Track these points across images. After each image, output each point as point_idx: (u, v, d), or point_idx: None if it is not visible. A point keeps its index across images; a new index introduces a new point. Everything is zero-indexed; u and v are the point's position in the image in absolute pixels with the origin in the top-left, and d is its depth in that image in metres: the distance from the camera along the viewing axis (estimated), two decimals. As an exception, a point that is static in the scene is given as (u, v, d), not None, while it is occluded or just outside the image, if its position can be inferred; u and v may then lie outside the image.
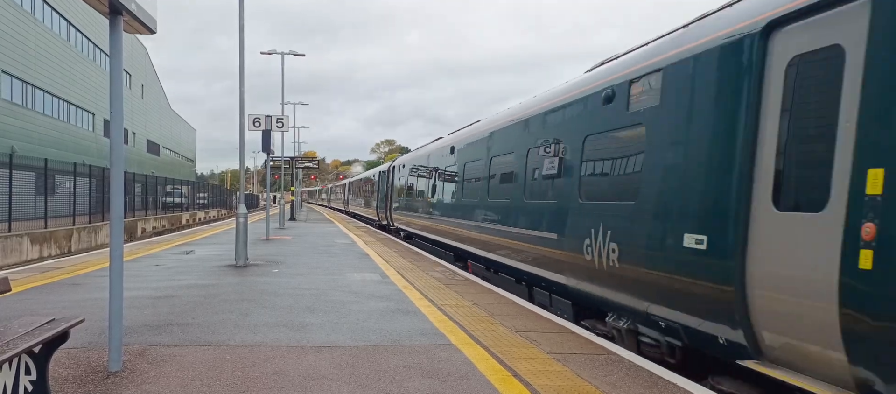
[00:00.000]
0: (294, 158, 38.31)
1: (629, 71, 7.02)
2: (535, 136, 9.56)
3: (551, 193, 8.69)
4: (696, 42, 5.91)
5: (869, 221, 4.03)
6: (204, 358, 5.91)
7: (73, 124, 43.49)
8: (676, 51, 6.23)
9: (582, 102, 8.07)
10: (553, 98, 9.26)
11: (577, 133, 8.05)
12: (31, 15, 36.85)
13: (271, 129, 17.88)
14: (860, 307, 4.07)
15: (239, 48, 14.72)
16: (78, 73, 43.96)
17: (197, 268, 13.16)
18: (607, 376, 5.47)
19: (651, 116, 6.41)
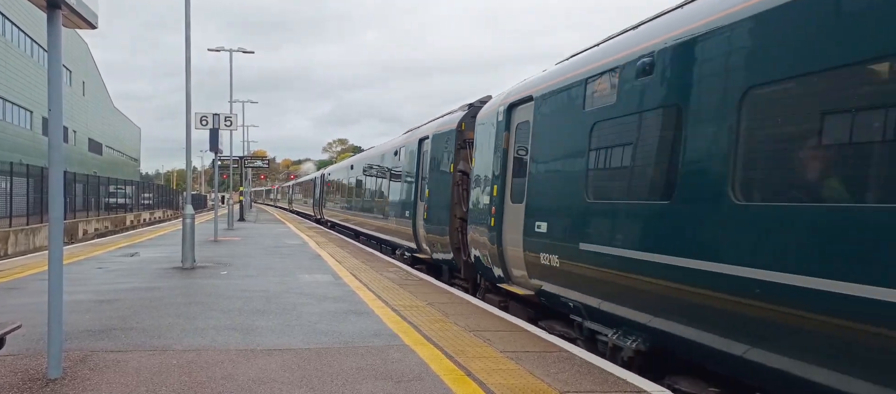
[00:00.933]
0: (243, 157, 37.58)
1: (421, 133, 14.54)
2: (376, 166, 19.42)
3: (387, 196, 17.65)
4: (487, 109, 10.64)
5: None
6: (149, 363, 5.73)
7: (9, 122, 41.72)
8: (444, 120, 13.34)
9: (395, 149, 17.11)
10: (387, 145, 19.04)
11: (400, 166, 16.14)
12: (-37, 7, 35.24)
13: (219, 127, 17.52)
14: (528, 250, 8.14)
15: (185, 44, 14.36)
16: (14, 69, 42.19)
17: (142, 270, 12.79)
18: (560, 374, 5.52)
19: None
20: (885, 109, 3.82)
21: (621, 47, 6.67)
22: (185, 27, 14.39)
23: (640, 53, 6.12)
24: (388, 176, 17.67)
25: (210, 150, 19.53)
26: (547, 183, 7.93)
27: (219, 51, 31.30)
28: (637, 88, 6.13)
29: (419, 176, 14.26)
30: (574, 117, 7.31)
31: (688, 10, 5.83)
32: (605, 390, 5.13)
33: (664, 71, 5.79)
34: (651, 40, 6.06)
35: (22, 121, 44.02)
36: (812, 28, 4.31)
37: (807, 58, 4.31)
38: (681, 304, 5.32)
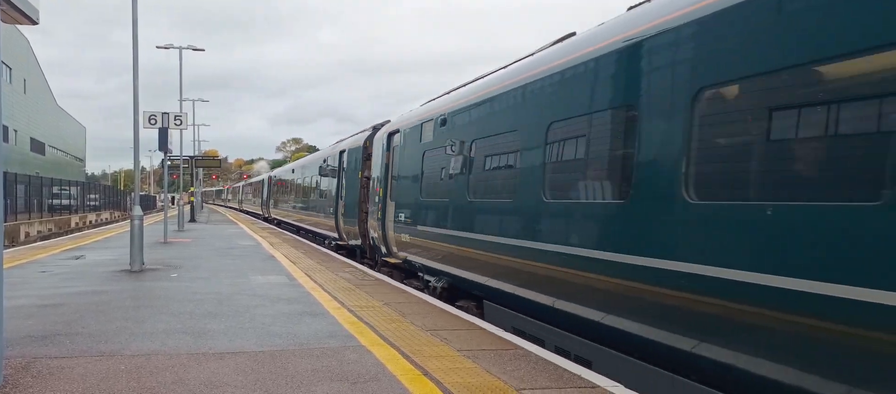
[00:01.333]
0: (194, 157, 36.78)
1: (341, 147, 18.90)
2: (309, 172, 24.23)
3: (317, 196, 22.25)
4: (379, 133, 14.41)
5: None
6: (96, 369, 5.55)
7: (-57, 121, 39.94)
8: (353, 139, 17.49)
9: (324, 158, 21.31)
10: (318, 154, 24.39)
11: (326, 172, 20.10)
12: None
13: (168, 126, 17.09)
14: (396, 232, 11.96)
15: (133, 41, 13.96)
16: (-51, 65, 40.44)
17: (88, 274, 12.40)
18: (516, 371, 5.56)
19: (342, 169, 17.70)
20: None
21: (438, 105, 10.92)
22: (133, 24, 14.00)
23: (441, 112, 10.37)
24: (318, 180, 22.22)
25: (159, 149, 19.02)
26: (403, 187, 12.03)
27: (168, 48, 30.56)
28: (440, 133, 10.21)
29: (339, 181, 18.58)
30: (415, 146, 11.32)
31: (464, 89, 10.18)
32: (560, 386, 5.19)
33: (451, 124, 9.86)
34: (445, 105, 10.44)
35: (-42, 119, 42.19)
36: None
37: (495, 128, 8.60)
38: (458, 258, 9.26)
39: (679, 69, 5.19)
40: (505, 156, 8.18)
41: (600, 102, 6.24)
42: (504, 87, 8.30)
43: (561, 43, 7.67)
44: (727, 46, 4.67)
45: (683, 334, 4.96)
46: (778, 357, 4.20)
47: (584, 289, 6.23)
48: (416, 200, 11.04)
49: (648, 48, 5.54)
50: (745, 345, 4.43)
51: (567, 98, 6.76)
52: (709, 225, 4.74)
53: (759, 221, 4.27)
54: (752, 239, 4.35)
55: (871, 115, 3.80)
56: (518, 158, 7.59)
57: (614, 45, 6.02)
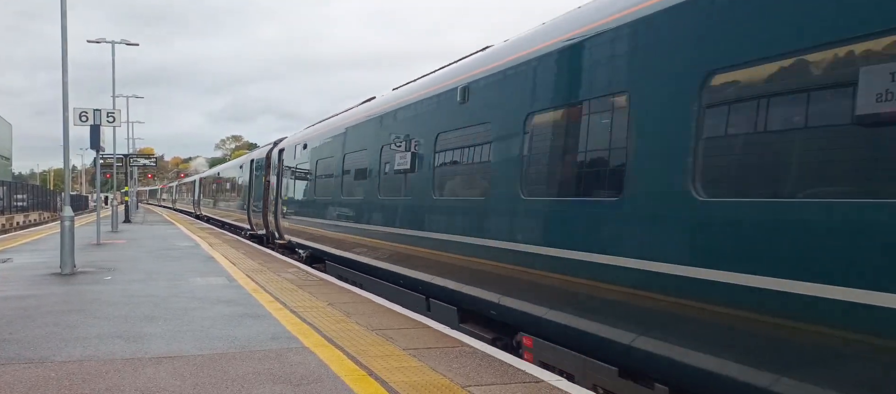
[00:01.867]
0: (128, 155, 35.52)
1: (252, 156, 24.83)
2: (229, 176, 30.38)
3: (235, 195, 27.77)
4: (274, 148, 18.92)
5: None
6: (24, 377, 5.29)
7: None
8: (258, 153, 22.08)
9: (240, 164, 27.74)
10: (237, 161, 31.71)
11: (242, 177, 25.59)
12: None
13: (101, 124, 16.44)
14: (283, 220, 17.61)
15: (61, 33, 13.38)
16: None
17: (15, 277, 11.82)
18: (462, 368, 5.57)
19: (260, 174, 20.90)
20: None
21: (303, 134, 16.14)
22: (62, 15, 13.40)
23: (304, 139, 15.37)
24: (234, 183, 28.06)
25: (91, 147, 18.29)
26: (286, 190, 17.00)
27: (100, 42, 29.43)
28: (303, 154, 15.19)
29: (249, 184, 23.29)
30: (291, 161, 16.54)
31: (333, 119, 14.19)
32: (505, 381, 5.22)
33: (309, 148, 14.67)
34: (307, 134, 15.57)
35: None
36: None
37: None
38: (315, 237, 13.76)
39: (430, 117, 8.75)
40: (332, 171, 12.71)
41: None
42: (334, 129, 13.07)
43: (361, 105, 12.43)
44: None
45: (399, 264, 9.37)
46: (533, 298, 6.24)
47: (366, 247, 10.59)
48: (291, 199, 16.44)
49: (443, 96, 8.17)
50: (466, 279, 7.39)
51: (360, 137, 11.14)
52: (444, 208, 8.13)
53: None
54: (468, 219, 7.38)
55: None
56: (338, 173, 12.27)
57: (370, 109, 11.31)
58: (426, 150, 8.36)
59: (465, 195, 7.62)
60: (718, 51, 4.18)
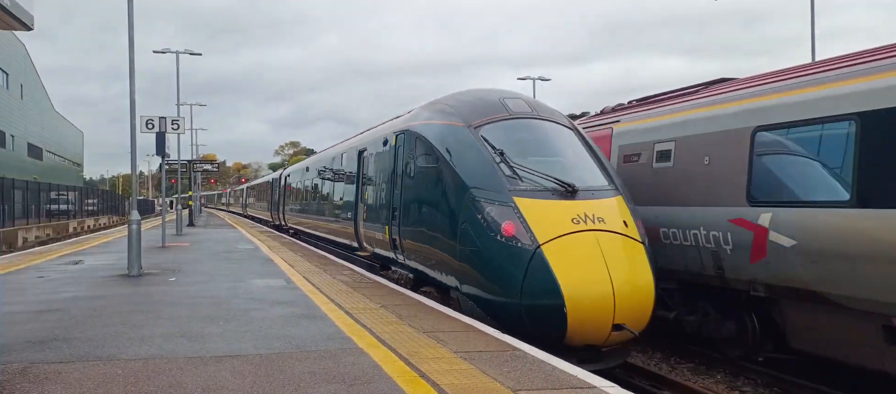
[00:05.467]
0: (191, 161, 36.78)
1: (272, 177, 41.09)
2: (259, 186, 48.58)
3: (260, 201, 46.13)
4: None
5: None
6: (93, 374, 5.56)
7: (-59, 127, 39.90)
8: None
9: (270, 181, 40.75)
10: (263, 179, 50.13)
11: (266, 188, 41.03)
12: None
13: (166, 131, 17.09)
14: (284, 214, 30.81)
15: (129, 45, 13.98)
16: (-54, 71, 40.36)
17: (86, 279, 12.40)
18: (511, 372, 5.58)
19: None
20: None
21: (299, 164, 29.34)
22: (129, 28, 14.01)
23: (289, 171, 31.29)
24: (264, 192, 41.52)
25: (157, 154, 19.05)
26: (287, 198, 29.79)
27: (165, 52, 30.59)
28: (290, 180, 28.74)
29: (271, 193, 37.68)
30: (288, 182, 28.96)
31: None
32: (555, 386, 5.20)
33: (292, 176, 28.76)
34: (300, 165, 28.59)
35: (-45, 125, 42.17)
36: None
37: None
38: (297, 220, 25.62)
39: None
40: (301, 189, 23.01)
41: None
42: (299, 167, 25.90)
43: (308, 158, 27.52)
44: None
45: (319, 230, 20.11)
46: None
47: (314, 224, 20.24)
48: (288, 202, 28.43)
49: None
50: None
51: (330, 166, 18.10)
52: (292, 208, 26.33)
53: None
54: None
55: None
56: (303, 191, 23.00)
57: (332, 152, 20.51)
58: (325, 179, 18.85)
59: (339, 201, 16.99)
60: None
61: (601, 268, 7.49)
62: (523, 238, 7.80)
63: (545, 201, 8.11)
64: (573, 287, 7.39)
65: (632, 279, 7.64)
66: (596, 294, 7.38)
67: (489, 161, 8.62)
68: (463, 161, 8.94)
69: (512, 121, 9.31)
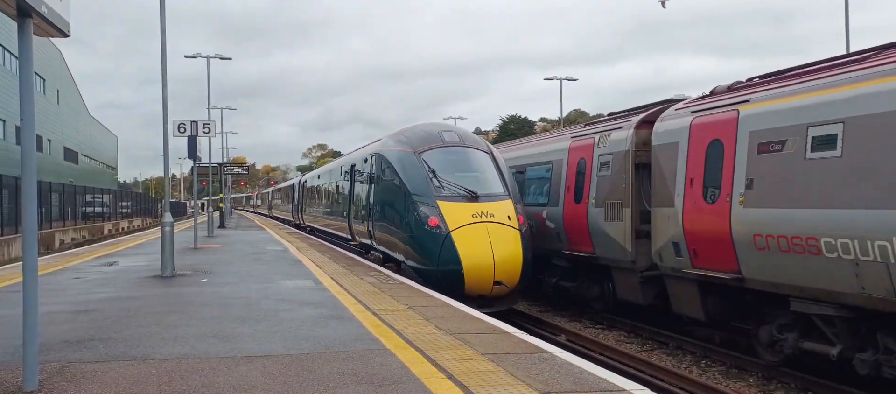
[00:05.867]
0: (222, 163, 37.33)
1: (292, 182, 47.81)
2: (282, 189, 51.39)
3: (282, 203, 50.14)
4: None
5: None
6: (127, 373, 5.68)
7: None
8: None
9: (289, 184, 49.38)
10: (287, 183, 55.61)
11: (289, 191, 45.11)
12: (-67, 16, 34.59)
13: (197, 134, 17.37)
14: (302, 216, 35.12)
15: (161, 51, 14.25)
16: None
17: (120, 280, 12.66)
18: (540, 375, 5.57)
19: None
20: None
21: (313, 173, 36.21)
22: (161, 33, 14.29)
23: (303, 179, 38.15)
24: (287, 196, 41.86)
25: (188, 157, 19.38)
26: (306, 200, 33.14)
27: (195, 57, 31.07)
28: (305, 185, 34.51)
29: (292, 197, 40.98)
30: (305, 187, 34.29)
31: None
32: (585, 389, 5.18)
33: (305, 182, 34.86)
34: (313, 173, 35.01)
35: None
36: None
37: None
38: (311, 219, 30.53)
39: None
40: (312, 193, 30.46)
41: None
42: (312, 176, 32.08)
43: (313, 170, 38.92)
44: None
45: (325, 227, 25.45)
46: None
47: (322, 222, 25.80)
48: (305, 204, 32.66)
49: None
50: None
51: (330, 182, 23.77)
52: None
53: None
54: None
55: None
56: (312, 195, 30.22)
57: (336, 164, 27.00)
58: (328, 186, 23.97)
59: (338, 203, 21.21)
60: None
61: (487, 246, 11.49)
62: (441, 227, 11.78)
63: (457, 203, 12.05)
64: (469, 258, 11.43)
65: (507, 253, 11.56)
66: (483, 263, 11.40)
67: (425, 177, 12.58)
68: (409, 176, 12.95)
69: (444, 148, 13.25)
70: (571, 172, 13.22)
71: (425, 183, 12.49)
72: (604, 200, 11.87)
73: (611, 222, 11.61)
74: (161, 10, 14.22)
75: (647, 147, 11.06)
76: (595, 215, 12.07)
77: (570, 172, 13.26)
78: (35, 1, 4.81)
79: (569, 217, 13.08)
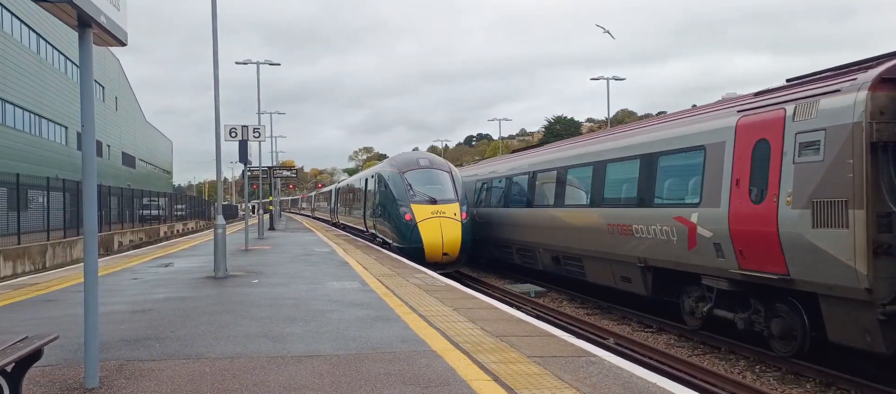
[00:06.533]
0: (271, 167, 38.07)
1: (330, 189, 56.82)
2: (353, 189, 36.62)
3: (357, 204, 33.04)
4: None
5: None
6: (182, 372, 5.85)
7: (45, 138, 42.80)
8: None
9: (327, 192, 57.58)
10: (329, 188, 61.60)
11: (358, 190, 32.98)
12: (0, 29, 36.27)
13: (248, 139, 17.76)
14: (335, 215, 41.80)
15: (213, 59, 14.62)
16: (49, 87, 43.30)
17: (175, 280, 13.03)
18: (587, 378, 5.50)
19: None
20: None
21: (344, 183, 43.79)
22: (213, 41, 14.66)
23: (333, 187, 51.58)
24: (327, 199, 50.56)
25: (239, 161, 19.83)
26: (337, 203, 41.13)
27: (246, 64, 31.75)
28: (336, 193, 43.77)
29: (329, 201, 46.95)
30: (338, 193, 41.91)
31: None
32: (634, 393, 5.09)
33: (334, 192, 46.11)
34: (343, 183, 44.92)
35: (57, 137, 45.15)
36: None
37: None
38: (344, 218, 37.04)
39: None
40: (341, 199, 38.65)
41: (358, 188, 30.05)
42: (351, 181, 37.53)
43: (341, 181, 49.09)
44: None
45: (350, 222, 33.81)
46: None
47: (353, 222, 32.33)
48: (337, 207, 40.10)
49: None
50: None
51: (352, 190, 33.41)
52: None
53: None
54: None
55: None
56: (343, 200, 37.51)
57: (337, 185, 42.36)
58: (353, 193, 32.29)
59: (358, 206, 28.61)
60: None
61: (439, 232, 17.99)
62: (412, 220, 18.34)
63: (423, 205, 18.58)
64: (427, 239, 17.97)
65: (451, 237, 18.04)
66: (436, 242, 17.94)
67: (404, 188, 19.29)
68: (396, 188, 19.72)
69: (419, 169, 20.02)
70: (742, 159, 9.59)
71: (405, 192, 19.24)
72: (810, 197, 8.30)
73: (823, 231, 8.17)
74: (213, 19, 14.59)
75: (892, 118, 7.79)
76: (792, 220, 8.53)
77: (740, 158, 9.62)
78: (94, 11, 5.00)
79: (740, 222, 9.43)
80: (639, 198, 11.96)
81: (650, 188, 11.70)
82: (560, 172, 15.69)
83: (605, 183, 13.33)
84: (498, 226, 20.48)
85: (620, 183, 12.93)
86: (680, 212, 10.72)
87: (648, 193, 11.71)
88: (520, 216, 18.31)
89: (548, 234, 16.12)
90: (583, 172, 14.48)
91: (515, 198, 18.99)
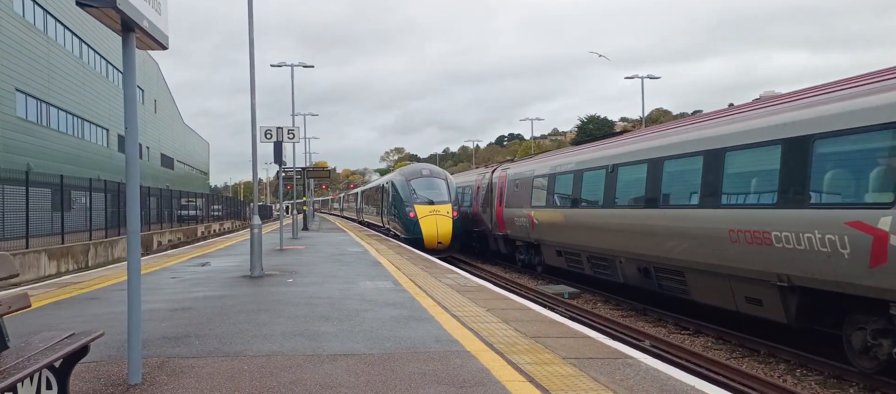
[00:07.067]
0: (305, 168, 38.51)
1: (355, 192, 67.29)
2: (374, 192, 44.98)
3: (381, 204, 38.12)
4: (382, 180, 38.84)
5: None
6: (221, 369, 5.95)
7: (87, 140, 43.95)
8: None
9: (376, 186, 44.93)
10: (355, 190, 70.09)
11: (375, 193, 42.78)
12: (44, 34, 37.34)
13: (282, 140, 17.99)
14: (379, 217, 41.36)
15: (250, 62, 14.84)
16: (91, 90, 44.46)
17: (213, 279, 13.25)
18: (624, 380, 5.45)
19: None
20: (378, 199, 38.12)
21: (371, 185, 53.76)
22: (249, 45, 14.89)
23: (356, 190, 66.55)
24: (354, 199, 62.25)
25: (274, 162, 20.11)
26: (363, 203, 50.04)
27: (280, 66, 32.16)
28: (373, 190, 44.63)
29: (356, 201, 56.81)
30: (363, 195, 52.29)
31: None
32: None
33: (359, 194, 56.98)
34: (357, 190, 64.58)
35: (99, 139, 46.33)
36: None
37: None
38: (368, 218, 45.96)
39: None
40: (365, 201, 48.88)
41: (376, 191, 39.61)
42: (372, 186, 48.14)
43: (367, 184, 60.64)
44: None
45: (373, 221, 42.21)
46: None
47: (373, 219, 40.50)
48: (364, 207, 48.79)
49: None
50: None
51: (372, 193, 43.54)
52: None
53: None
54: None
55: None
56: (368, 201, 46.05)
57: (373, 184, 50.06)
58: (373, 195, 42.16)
59: (376, 206, 37.75)
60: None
61: (434, 225, 24.78)
62: (415, 217, 25.30)
63: (423, 205, 25.39)
64: (426, 231, 24.76)
65: (444, 229, 24.80)
66: (432, 233, 24.74)
67: (410, 193, 26.28)
68: (403, 192, 26.88)
69: (422, 178, 27.06)
70: None
71: (410, 196, 26.08)
72: None
73: None
74: (249, 24, 14.82)
75: None
76: None
77: None
78: (137, 16, 5.12)
79: None
80: (781, 196, 9.18)
81: (802, 183, 8.88)
82: (653, 164, 12.77)
83: (723, 177, 10.55)
84: (560, 229, 17.27)
85: (749, 177, 10.16)
86: (856, 215, 7.89)
87: (799, 190, 8.91)
88: (595, 218, 15.13)
89: (635, 240, 13.16)
90: (688, 164, 11.69)
91: (588, 197, 15.75)
